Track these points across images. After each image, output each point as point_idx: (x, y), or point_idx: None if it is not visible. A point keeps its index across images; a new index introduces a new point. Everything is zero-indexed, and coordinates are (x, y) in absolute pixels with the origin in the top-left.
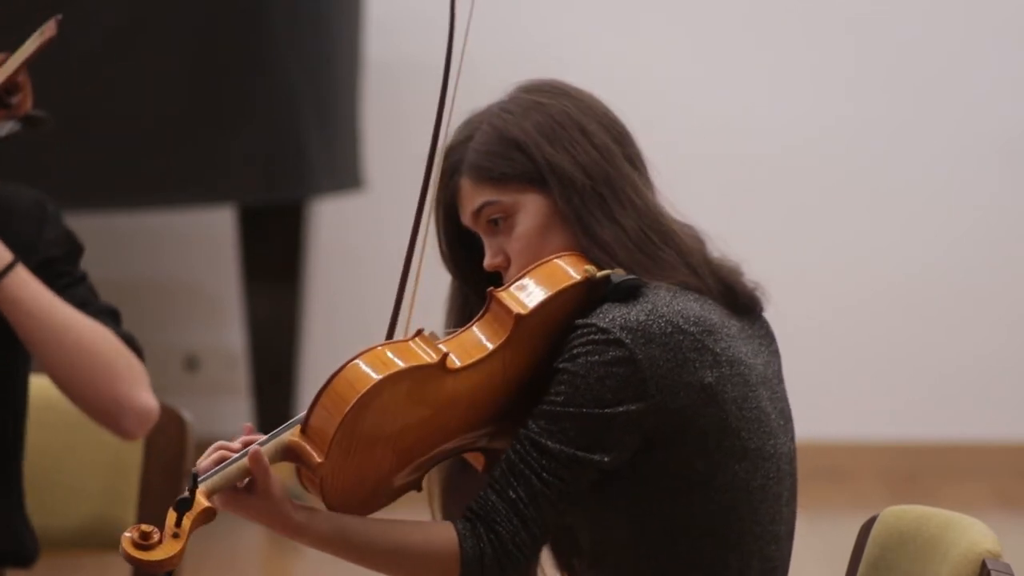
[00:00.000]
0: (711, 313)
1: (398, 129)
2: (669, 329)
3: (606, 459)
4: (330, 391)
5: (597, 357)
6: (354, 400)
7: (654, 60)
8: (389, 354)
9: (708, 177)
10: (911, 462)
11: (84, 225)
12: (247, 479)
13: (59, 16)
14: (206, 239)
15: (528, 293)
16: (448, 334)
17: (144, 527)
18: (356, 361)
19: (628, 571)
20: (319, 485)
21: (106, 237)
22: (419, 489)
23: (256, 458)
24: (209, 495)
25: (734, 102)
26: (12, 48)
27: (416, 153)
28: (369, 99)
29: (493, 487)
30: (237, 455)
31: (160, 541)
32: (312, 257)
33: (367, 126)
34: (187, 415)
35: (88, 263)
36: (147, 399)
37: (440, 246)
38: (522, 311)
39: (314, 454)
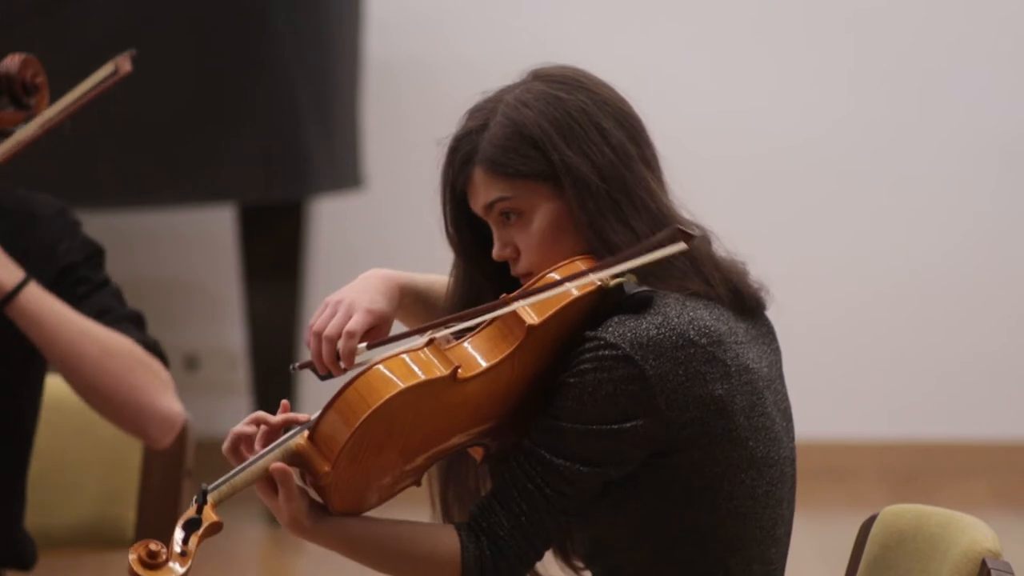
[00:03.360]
0: (720, 321)
1: (398, 128)
2: (680, 342)
3: (612, 471)
4: (343, 401)
5: (606, 374)
6: (366, 414)
7: (654, 60)
8: (401, 366)
9: (707, 177)
10: (911, 462)
11: (84, 225)
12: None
13: (133, 51)
14: (206, 238)
15: (540, 302)
16: (457, 335)
17: (152, 545)
18: (367, 375)
19: (626, 570)
20: (322, 491)
21: (107, 237)
22: (418, 484)
23: (282, 473)
24: (215, 505)
25: (733, 102)
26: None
27: (415, 152)
28: (369, 99)
29: (497, 498)
30: (247, 463)
31: (167, 560)
32: (312, 256)
33: (367, 125)
34: (187, 415)
35: None
36: (169, 405)
37: (446, 228)
38: (534, 322)
39: (322, 463)
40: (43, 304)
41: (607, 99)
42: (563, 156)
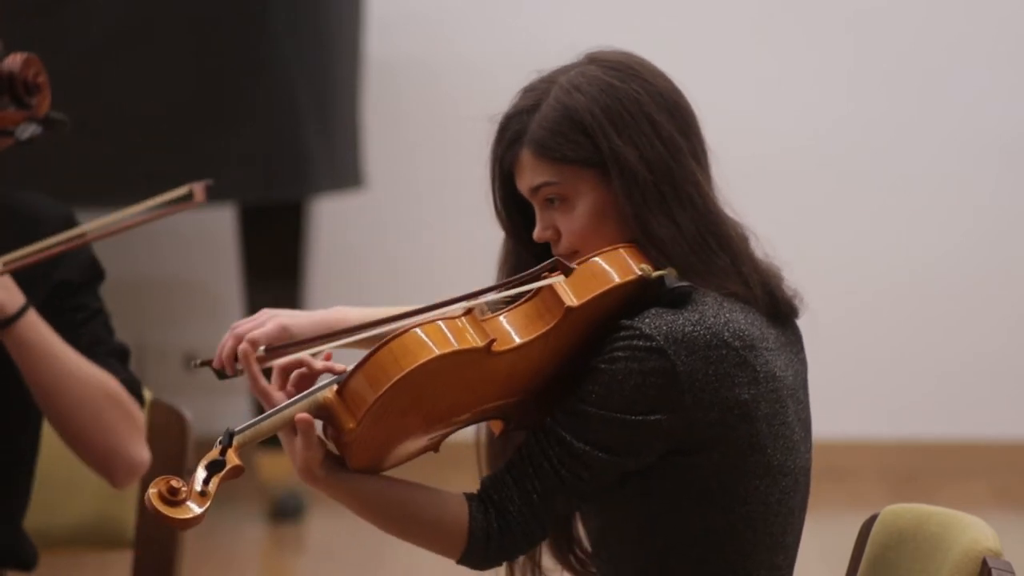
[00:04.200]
0: (754, 326)
1: (398, 128)
2: (714, 342)
3: (630, 462)
4: (375, 361)
5: (637, 364)
6: (397, 376)
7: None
8: (437, 333)
9: None
10: (911, 462)
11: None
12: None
13: (210, 181)
14: (206, 238)
15: (581, 284)
16: (497, 308)
17: (173, 482)
18: (403, 337)
19: (630, 564)
20: (342, 447)
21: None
22: (436, 450)
23: (306, 425)
24: (238, 449)
25: (733, 102)
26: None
27: (415, 152)
28: (369, 98)
29: (511, 473)
30: (274, 410)
31: (186, 499)
32: (312, 256)
33: (367, 125)
34: (187, 414)
35: None
36: (139, 453)
37: (494, 205)
38: (573, 304)
39: (347, 419)
40: (38, 333)
41: (661, 90)
42: (612, 145)
